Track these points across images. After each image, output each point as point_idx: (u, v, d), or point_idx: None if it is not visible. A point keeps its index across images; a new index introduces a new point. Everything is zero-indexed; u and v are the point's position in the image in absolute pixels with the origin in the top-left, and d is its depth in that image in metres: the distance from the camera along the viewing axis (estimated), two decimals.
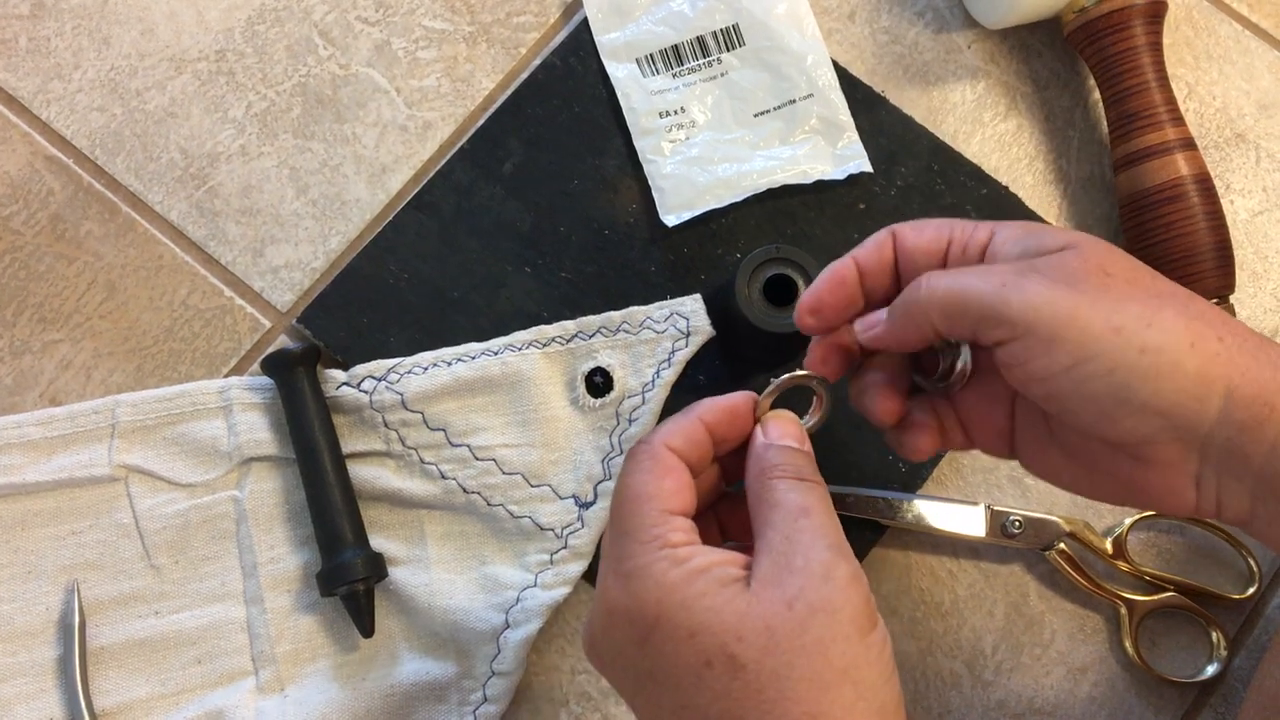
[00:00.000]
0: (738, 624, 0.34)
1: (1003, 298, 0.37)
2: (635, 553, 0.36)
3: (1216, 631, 0.55)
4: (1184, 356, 0.36)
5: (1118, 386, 0.36)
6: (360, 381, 0.54)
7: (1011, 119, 0.62)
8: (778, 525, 0.36)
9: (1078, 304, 0.36)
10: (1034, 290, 0.36)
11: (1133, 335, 0.35)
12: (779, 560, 0.35)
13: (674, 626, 0.35)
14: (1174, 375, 0.35)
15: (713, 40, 0.60)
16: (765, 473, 0.38)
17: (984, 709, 0.55)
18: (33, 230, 0.57)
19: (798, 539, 0.36)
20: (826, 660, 0.34)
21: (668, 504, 0.37)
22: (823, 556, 0.35)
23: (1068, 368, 0.36)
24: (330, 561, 0.51)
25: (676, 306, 0.55)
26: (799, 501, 0.37)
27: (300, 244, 0.58)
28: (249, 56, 0.60)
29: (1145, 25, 0.58)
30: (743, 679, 0.34)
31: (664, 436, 0.39)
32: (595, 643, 0.38)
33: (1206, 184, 0.57)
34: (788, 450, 0.39)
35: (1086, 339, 0.36)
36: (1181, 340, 0.36)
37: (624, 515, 0.37)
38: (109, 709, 0.51)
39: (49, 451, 0.53)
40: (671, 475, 0.38)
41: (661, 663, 0.35)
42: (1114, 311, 0.36)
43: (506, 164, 0.58)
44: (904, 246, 0.42)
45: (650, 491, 0.37)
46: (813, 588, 0.35)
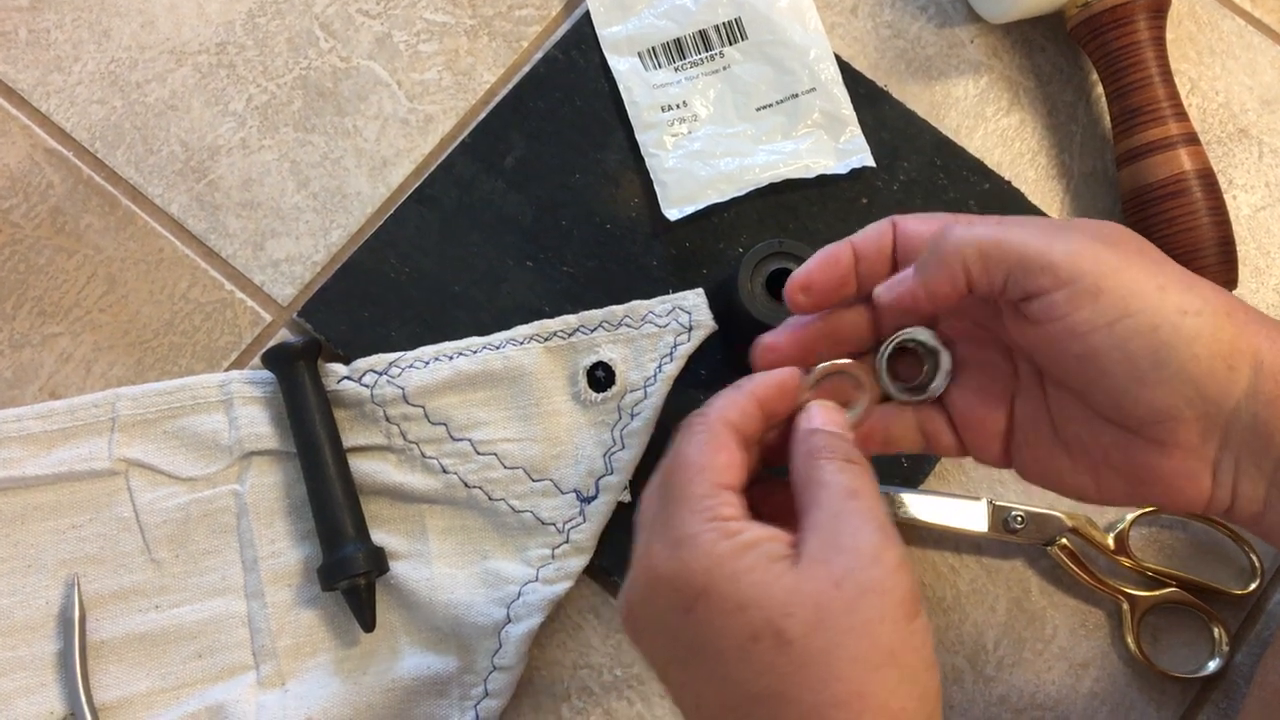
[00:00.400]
0: (786, 600, 0.34)
1: (1047, 243, 0.36)
2: (686, 521, 0.36)
3: (1218, 627, 0.55)
4: (1223, 322, 0.35)
5: (1159, 345, 0.35)
6: (361, 375, 0.54)
7: (1014, 114, 0.62)
8: (825, 505, 0.36)
9: (1122, 259, 0.36)
10: (1079, 242, 0.36)
11: (1176, 295, 0.35)
12: (827, 539, 0.35)
13: (722, 598, 0.34)
14: (1212, 340, 0.35)
15: (715, 34, 0.60)
16: (813, 454, 0.38)
17: (985, 704, 0.55)
18: (32, 223, 0.57)
19: (847, 519, 0.35)
20: (874, 641, 0.33)
21: (720, 477, 0.37)
22: (872, 538, 0.35)
23: (1111, 322, 0.35)
24: (331, 556, 0.51)
25: (678, 301, 0.55)
26: (847, 483, 0.36)
27: (301, 237, 0.58)
28: (250, 49, 0.60)
29: (1148, 20, 0.58)
30: (789, 655, 0.33)
31: (719, 410, 0.39)
32: (634, 610, 0.37)
33: (1210, 179, 0.57)
34: (834, 435, 0.39)
35: (1132, 293, 0.35)
36: (1220, 307, 0.36)
37: (677, 484, 0.37)
38: (109, 703, 0.51)
39: (49, 445, 0.53)
40: (725, 450, 0.38)
41: (706, 633, 0.34)
42: (1157, 272, 0.36)
43: (508, 158, 0.58)
44: (905, 233, 0.41)
45: (705, 463, 0.37)
46: (862, 568, 0.34)
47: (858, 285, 0.41)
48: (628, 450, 0.53)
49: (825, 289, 0.41)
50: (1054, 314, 0.36)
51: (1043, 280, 0.36)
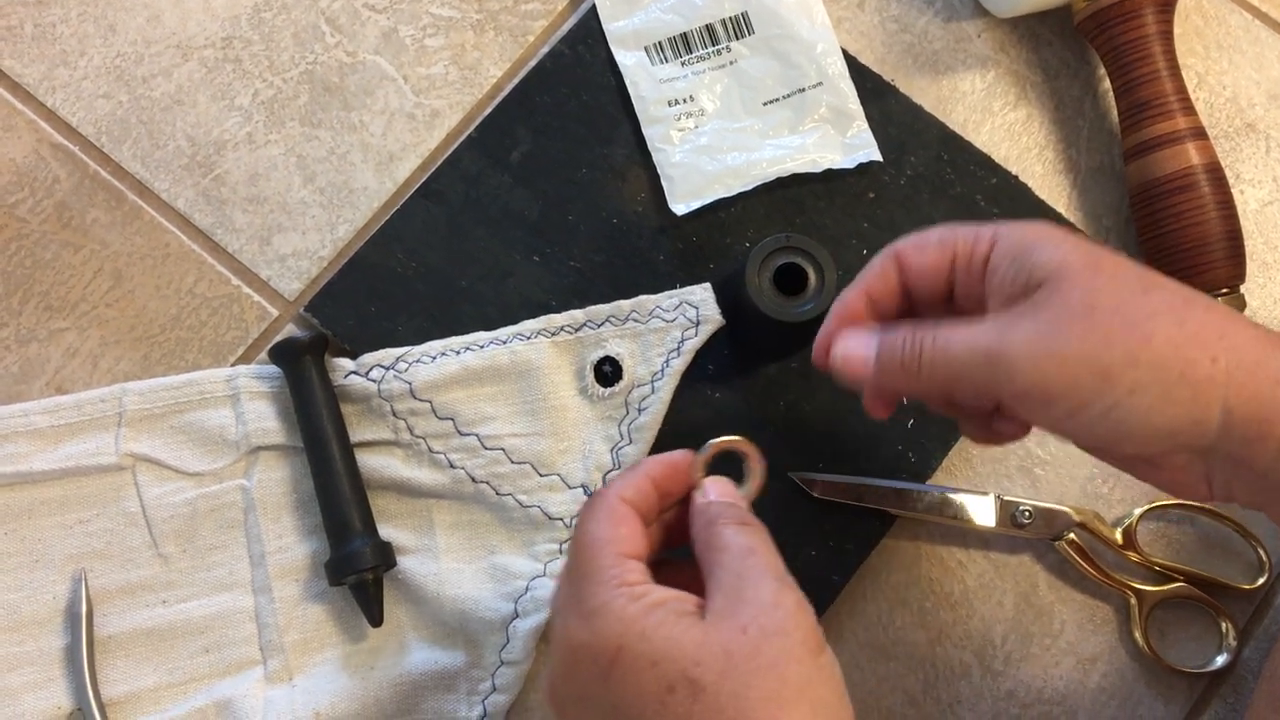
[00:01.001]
0: (696, 650, 0.35)
1: (993, 374, 0.39)
2: (595, 593, 0.38)
3: (1226, 622, 0.55)
4: (1173, 388, 0.37)
5: (1116, 423, 0.38)
6: (368, 370, 0.53)
7: (1021, 108, 0.62)
8: (726, 565, 0.38)
9: (1065, 359, 0.38)
10: (1021, 358, 0.38)
11: (1121, 377, 0.37)
12: (730, 594, 0.37)
13: (635, 656, 0.36)
14: (1165, 407, 0.37)
15: (722, 28, 0.60)
16: (711, 522, 0.40)
17: (993, 699, 0.55)
18: (39, 218, 0.57)
19: (747, 575, 0.38)
20: (782, 679, 0.35)
21: (623, 547, 0.39)
22: (771, 587, 0.37)
23: (1067, 416, 0.39)
24: (339, 550, 0.51)
25: (686, 295, 0.55)
26: (745, 543, 0.39)
27: (308, 232, 0.58)
28: (256, 44, 0.60)
29: (1156, 14, 0.57)
30: (704, 701, 0.35)
31: (616, 489, 0.41)
32: (556, 688, 0.39)
33: (1217, 173, 0.57)
34: (729, 504, 0.41)
35: (1077, 391, 0.38)
36: (1170, 372, 0.37)
37: (582, 560, 0.39)
38: (117, 698, 0.51)
39: (56, 440, 0.53)
40: (625, 522, 0.40)
41: (625, 693, 0.36)
42: (1101, 352, 0.38)
43: (514, 152, 0.58)
44: (909, 268, 0.43)
45: (607, 536, 0.39)
46: (765, 614, 0.36)
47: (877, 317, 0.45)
48: (635, 445, 0.53)
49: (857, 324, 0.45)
50: (1020, 414, 0.41)
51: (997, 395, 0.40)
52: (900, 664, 0.55)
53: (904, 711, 0.54)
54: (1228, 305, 0.55)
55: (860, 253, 0.58)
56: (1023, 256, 0.40)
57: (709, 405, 0.55)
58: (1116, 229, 0.60)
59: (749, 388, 0.56)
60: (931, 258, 0.43)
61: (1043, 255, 0.39)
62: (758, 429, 0.55)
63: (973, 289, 0.42)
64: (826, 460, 0.55)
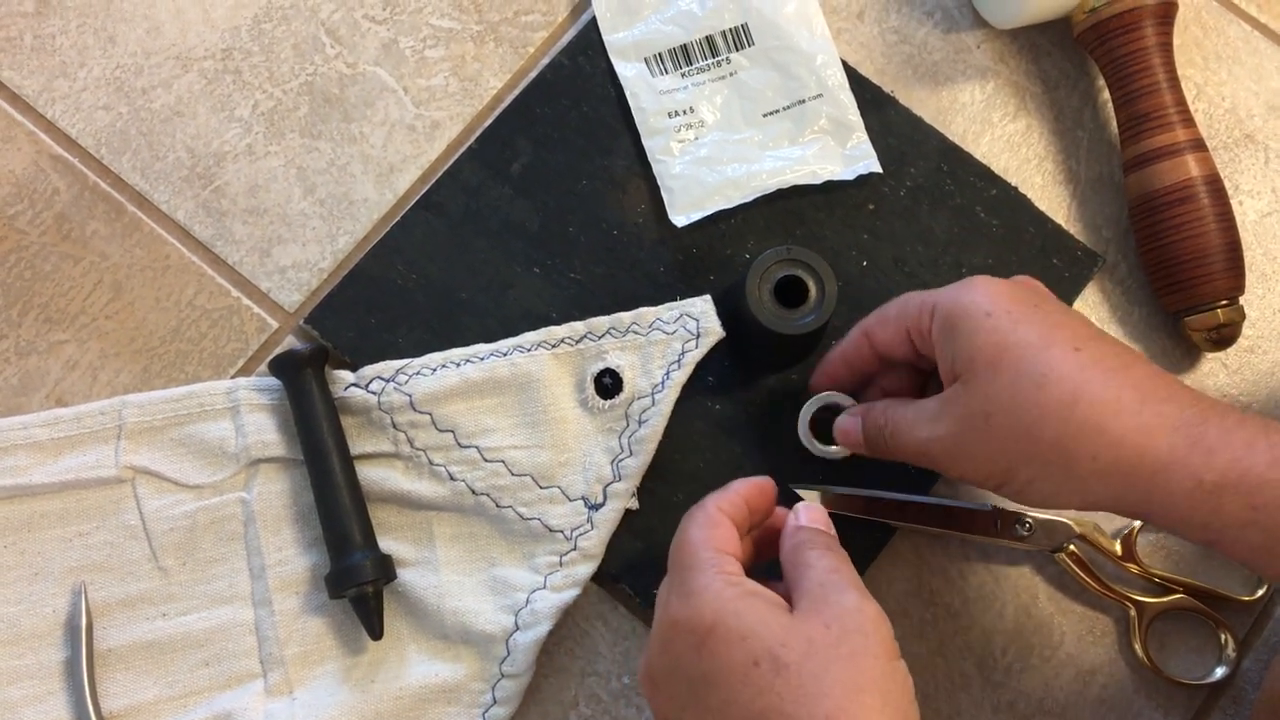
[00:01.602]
0: (783, 633, 0.40)
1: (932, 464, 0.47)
2: (696, 578, 0.42)
3: (1226, 633, 0.55)
4: (1062, 482, 0.43)
5: (1030, 500, 0.45)
6: (368, 382, 0.53)
7: (1021, 119, 0.62)
8: (812, 578, 0.42)
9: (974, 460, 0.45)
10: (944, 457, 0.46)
11: (1017, 473, 0.44)
12: (815, 599, 0.41)
13: (728, 630, 0.40)
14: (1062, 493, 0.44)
15: (721, 40, 0.60)
16: (800, 546, 0.44)
17: (993, 710, 0.55)
18: (38, 230, 0.57)
19: (830, 585, 0.42)
20: (858, 669, 0.39)
21: (723, 546, 0.44)
22: (854, 595, 0.41)
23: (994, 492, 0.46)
24: (339, 563, 0.51)
25: (686, 308, 0.55)
26: (829, 563, 0.43)
27: (308, 244, 0.58)
28: (256, 55, 0.60)
29: (1155, 26, 0.58)
30: (785, 677, 0.38)
31: (714, 501, 0.46)
32: (651, 663, 0.43)
33: (1217, 185, 0.57)
34: (817, 530, 0.46)
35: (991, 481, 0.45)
36: (1056, 469, 0.43)
37: (684, 555, 0.43)
38: (117, 711, 0.51)
39: (55, 453, 0.53)
40: (722, 526, 0.44)
41: (715, 664, 0.40)
42: (999, 456, 0.44)
43: (515, 164, 0.58)
44: (877, 342, 0.50)
45: (707, 536, 0.44)
46: (847, 615, 0.40)
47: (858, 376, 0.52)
48: (636, 457, 0.53)
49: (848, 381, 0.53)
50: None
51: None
52: None
53: None
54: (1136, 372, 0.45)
55: (860, 264, 0.58)
56: (949, 339, 0.45)
57: (709, 417, 0.55)
58: (1116, 240, 0.60)
59: (749, 400, 0.56)
60: (890, 334, 0.49)
61: (960, 345, 0.45)
62: (758, 441, 0.55)
63: (928, 354, 0.48)
64: (828, 472, 0.55)
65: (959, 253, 0.58)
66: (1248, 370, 0.59)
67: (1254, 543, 0.41)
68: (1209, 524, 0.42)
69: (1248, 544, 0.42)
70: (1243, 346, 0.59)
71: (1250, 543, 0.41)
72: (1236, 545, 0.42)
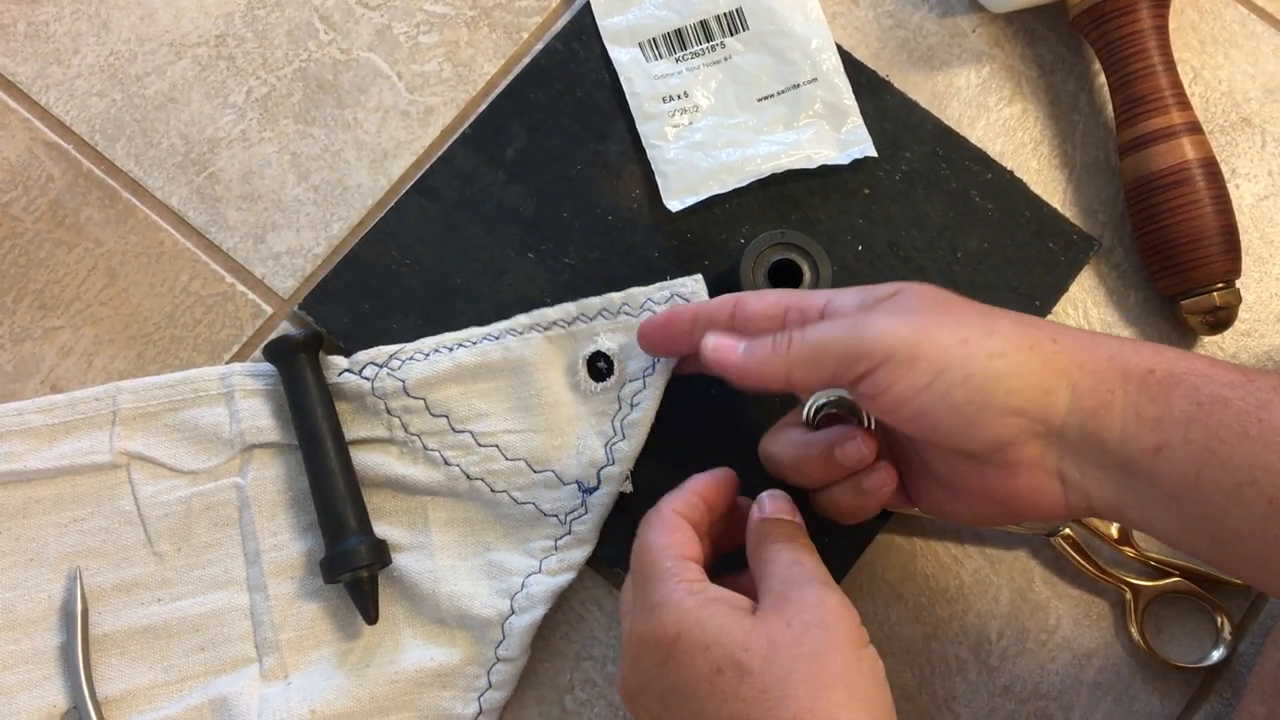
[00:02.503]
0: (744, 638, 0.39)
1: (857, 333, 0.41)
2: (657, 589, 0.42)
3: (1222, 617, 0.55)
4: (1026, 356, 0.40)
5: (975, 390, 0.40)
6: (362, 368, 0.53)
7: (1016, 103, 0.62)
8: (775, 574, 0.42)
9: (924, 325, 0.41)
10: (883, 322, 0.41)
11: (978, 344, 0.40)
12: (778, 596, 0.41)
13: (690, 641, 0.40)
14: (1021, 373, 0.40)
15: (716, 24, 0.60)
16: (762, 541, 0.44)
17: (989, 694, 0.55)
18: (32, 216, 0.57)
19: (793, 580, 0.42)
20: (821, 666, 0.39)
21: (681, 551, 0.43)
22: (815, 589, 0.41)
23: (929, 382, 0.40)
24: (333, 548, 0.51)
25: (677, 287, 0.54)
26: (790, 556, 0.43)
27: (302, 230, 0.58)
28: (249, 41, 0.60)
29: (1151, 9, 0.57)
30: (749, 682, 0.39)
31: (669, 503, 0.45)
32: (625, 677, 0.43)
33: (1213, 168, 0.57)
34: (779, 520, 0.45)
35: (939, 352, 0.40)
36: (1021, 343, 0.40)
37: (643, 565, 0.43)
38: (112, 696, 0.51)
39: (50, 439, 0.53)
40: (680, 530, 0.44)
41: (681, 675, 0.40)
42: (957, 327, 0.41)
43: (509, 149, 0.58)
44: (744, 310, 0.47)
45: (665, 542, 0.44)
46: (808, 611, 0.40)
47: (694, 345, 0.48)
48: (628, 441, 0.52)
49: (660, 340, 0.51)
50: (880, 388, 0.41)
51: (861, 365, 0.41)
52: (896, 659, 0.55)
53: (900, 707, 0.54)
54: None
55: (855, 248, 0.58)
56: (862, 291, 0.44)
57: (702, 399, 0.55)
58: (1112, 224, 0.60)
59: None
60: (768, 302, 0.46)
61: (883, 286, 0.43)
62: (751, 425, 0.55)
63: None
64: None
65: (954, 237, 0.58)
66: (1244, 354, 0.59)
67: (1197, 440, 0.39)
68: (1160, 419, 0.39)
69: (1194, 444, 0.39)
70: (1239, 330, 0.59)
71: (1195, 441, 0.39)
72: (1183, 447, 0.39)
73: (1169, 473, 0.39)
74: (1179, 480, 0.39)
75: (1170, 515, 0.40)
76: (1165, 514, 0.40)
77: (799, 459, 0.47)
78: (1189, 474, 0.39)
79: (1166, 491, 0.40)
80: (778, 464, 0.48)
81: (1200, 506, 0.39)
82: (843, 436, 0.46)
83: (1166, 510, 0.40)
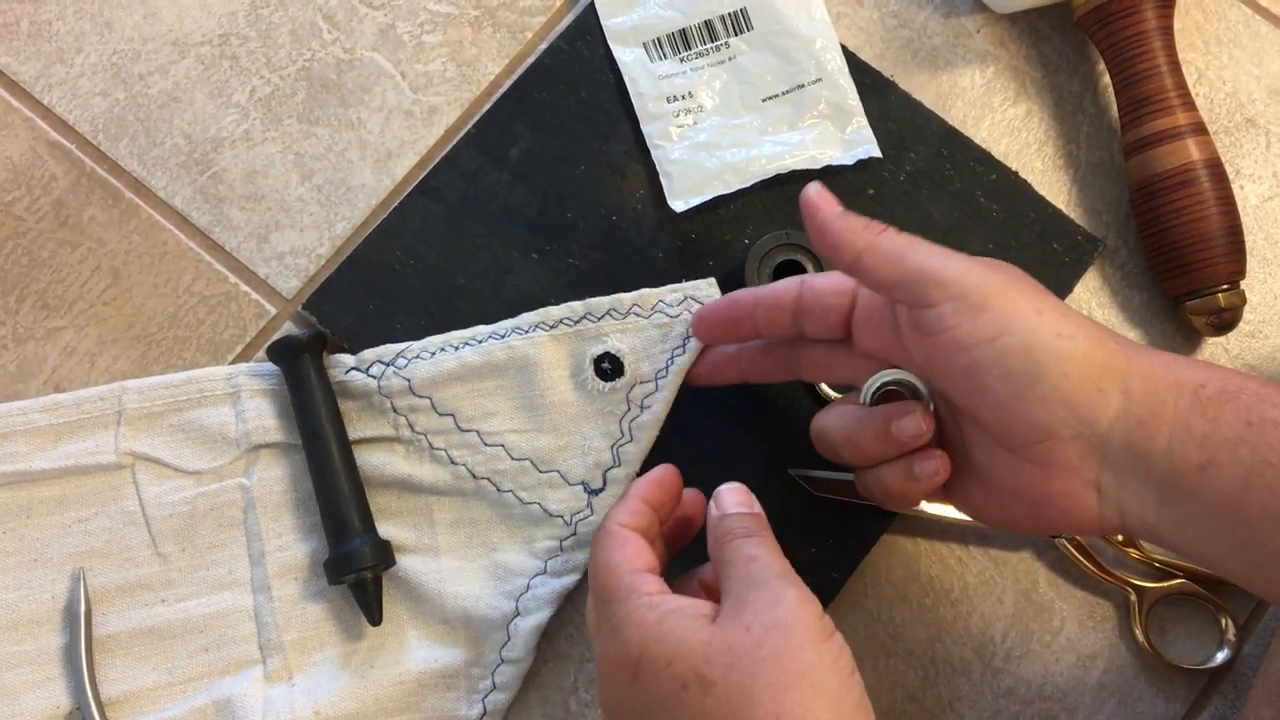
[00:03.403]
0: (705, 649, 0.39)
1: (943, 261, 0.41)
2: (617, 610, 0.42)
3: (1226, 618, 0.55)
4: (1092, 347, 0.40)
5: (1034, 363, 0.39)
6: (368, 366, 0.53)
7: (1021, 104, 0.61)
8: (734, 575, 0.42)
9: (1007, 284, 0.41)
10: (970, 264, 0.41)
11: (1051, 320, 0.40)
12: (738, 598, 0.41)
13: (653, 659, 0.40)
14: (1082, 361, 0.39)
15: (720, 24, 0.59)
16: (720, 541, 0.44)
17: (994, 696, 0.55)
18: (35, 216, 0.57)
19: (751, 579, 0.41)
20: (782, 668, 0.38)
21: (633, 564, 0.43)
22: (772, 586, 0.41)
23: (992, 338, 0.40)
24: (338, 549, 0.51)
25: (690, 290, 0.54)
26: (749, 551, 0.42)
27: (305, 230, 0.58)
28: (253, 40, 0.60)
29: (1156, 9, 0.57)
30: (714, 694, 0.38)
31: (614, 518, 0.45)
32: (603, 699, 0.43)
33: (1217, 169, 0.57)
34: (737, 515, 0.44)
35: (1012, 313, 0.40)
36: (1091, 335, 0.40)
37: (600, 586, 0.43)
38: (116, 697, 0.51)
39: (55, 439, 0.53)
40: (629, 543, 0.44)
41: (649, 692, 0.40)
42: (1036, 298, 0.41)
43: (513, 149, 0.58)
44: (812, 285, 0.47)
45: (616, 559, 0.43)
46: (766, 611, 0.40)
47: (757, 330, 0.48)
48: (636, 443, 0.52)
49: (720, 324, 0.50)
50: (943, 325, 0.41)
51: (934, 292, 0.41)
52: (900, 660, 0.55)
53: (904, 708, 0.54)
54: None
55: None
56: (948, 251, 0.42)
57: (707, 401, 0.55)
58: (1116, 225, 0.60)
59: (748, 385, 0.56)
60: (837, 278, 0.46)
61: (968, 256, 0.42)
62: (756, 426, 0.55)
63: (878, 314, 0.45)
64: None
65: (959, 237, 0.58)
66: (1249, 355, 0.59)
67: (1246, 459, 0.38)
68: (1208, 437, 0.39)
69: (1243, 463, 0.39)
70: (1244, 331, 0.59)
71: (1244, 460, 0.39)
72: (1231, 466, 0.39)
73: (1213, 491, 0.39)
74: (1222, 500, 0.39)
75: (1209, 535, 0.40)
76: (1204, 533, 0.40)
77: (854, 431, 0.46)
78: (1234, 494, 0.39)
79: (1208, 510, 0.39)
80: (830, 438, 0.47)
81: (1243, 529, 0.39)
82: (900, 410, 0.44)
83: (1205, 529, 0.40)
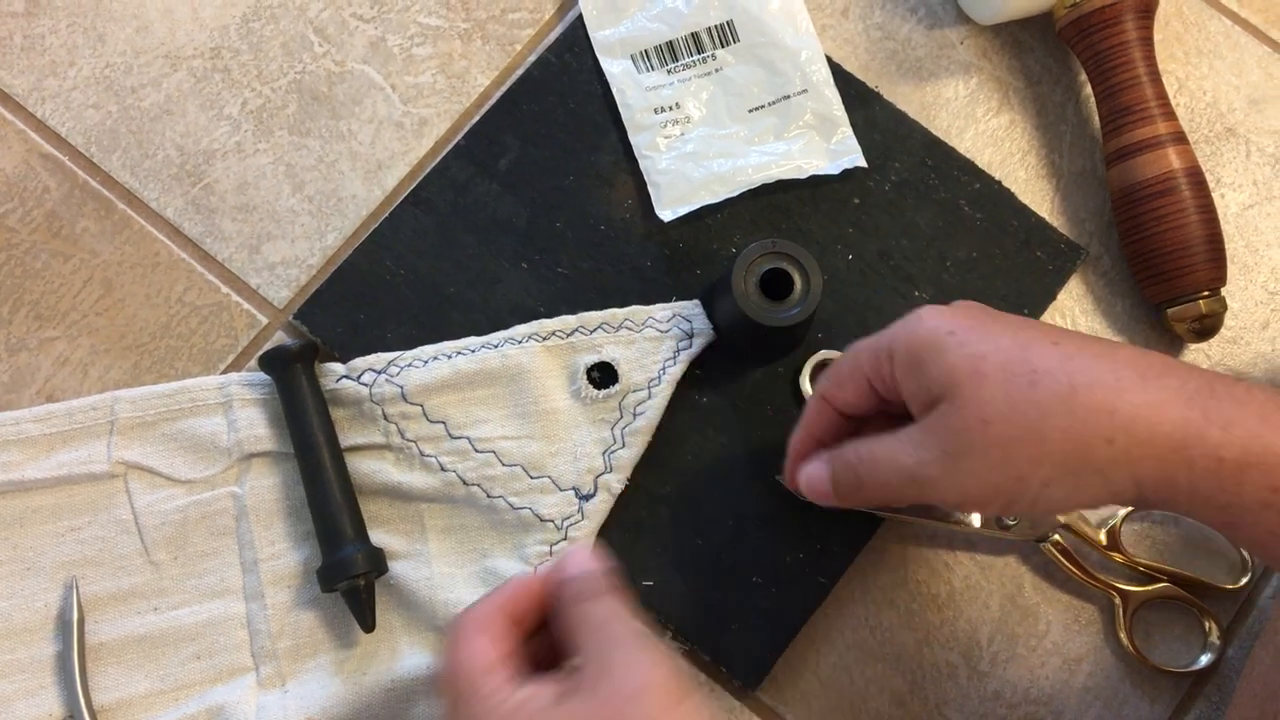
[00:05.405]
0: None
1: (923, 492, 0.43)
2: (463, 711, 0.39)
3: (1210, 621, 0.56)
4: (1082, 476, 0.41)
5: (1044, 508, 0.42)
6: (360, 374, 0.54)
7: (1004, 114, 0.62)
8: (584, 643, 0.40)
9: (977, 476, 0.42)
10: (941, 481, 0.42)
11: (1031, 478, 0.41)
12: (588, 675, 0.39)
13: None
14: (1081, 491, 0.41)
15: (707, 36, 0.60)
16: (563, 608, 0.42)
17: (980, 699, 0.55)
18: (29, 228, 0.57)
19: (604, 645, 0.39)
20: None
21: (478, 663, 0.40)
22: (625, 654, 0.39)
23: (1000, 511, 0.43)
24: (330, 557, 0.51)
25: (679, 309, 0.55)
26: (597, 617, 0.41)
27: (297, 240, 0.58)
28: (244, 53, 0.60)
29: (1136, 20, 0.58)
30: None
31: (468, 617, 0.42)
32: None
33: (1198, 177, 0.57)
34: (582, 577, 0.42)
35: (1000, 496, 0.42)
36: (1074, 463, 0.40)
37: (449, 686, 0.41)
38: (108, 705, 0.51)
39: (48, 448, 0.53)
40: (478, 638, 0.41)
41: None
42: (1008, 464, 0.41)
43: (502, 160, 0.59)
44: (838, 403, 0.48)
45: (462, 658, 0.40)
46: (620, 681, 0.38)
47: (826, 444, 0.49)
48: (628, 449, 0.53)
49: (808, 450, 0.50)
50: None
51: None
52: (887, 665, 0.55)
53: (891, 712, 0.55)
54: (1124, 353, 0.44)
55: (846, 258, 0.58)
56: (917, 372, 0.43)
57: (696, 409, 0.56)
58: (1099, 233, 0.61)
59: (736, 392, 0.56)
60: (851, 393, 0.47)
61: (932, 371, 0.42)
62: (743, 433, 0.56)
63: (896, 398, 0.45)
64: None
65: (943, 246, 0.59)
66: (1230, 361, 0.60)
67: (1270, 526, 0.40)
68: (1230, 505, 0.40)
69: (1264, 527, 0.40)
70: (1225, 337, 0.60)
71: (1266, 525, 0.40)
72: (1253, 528, 0.40)
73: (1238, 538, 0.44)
74: (1248, 544, 0.44)
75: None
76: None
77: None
78: (1258, 543, 0.41)
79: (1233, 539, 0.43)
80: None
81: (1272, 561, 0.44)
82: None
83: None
